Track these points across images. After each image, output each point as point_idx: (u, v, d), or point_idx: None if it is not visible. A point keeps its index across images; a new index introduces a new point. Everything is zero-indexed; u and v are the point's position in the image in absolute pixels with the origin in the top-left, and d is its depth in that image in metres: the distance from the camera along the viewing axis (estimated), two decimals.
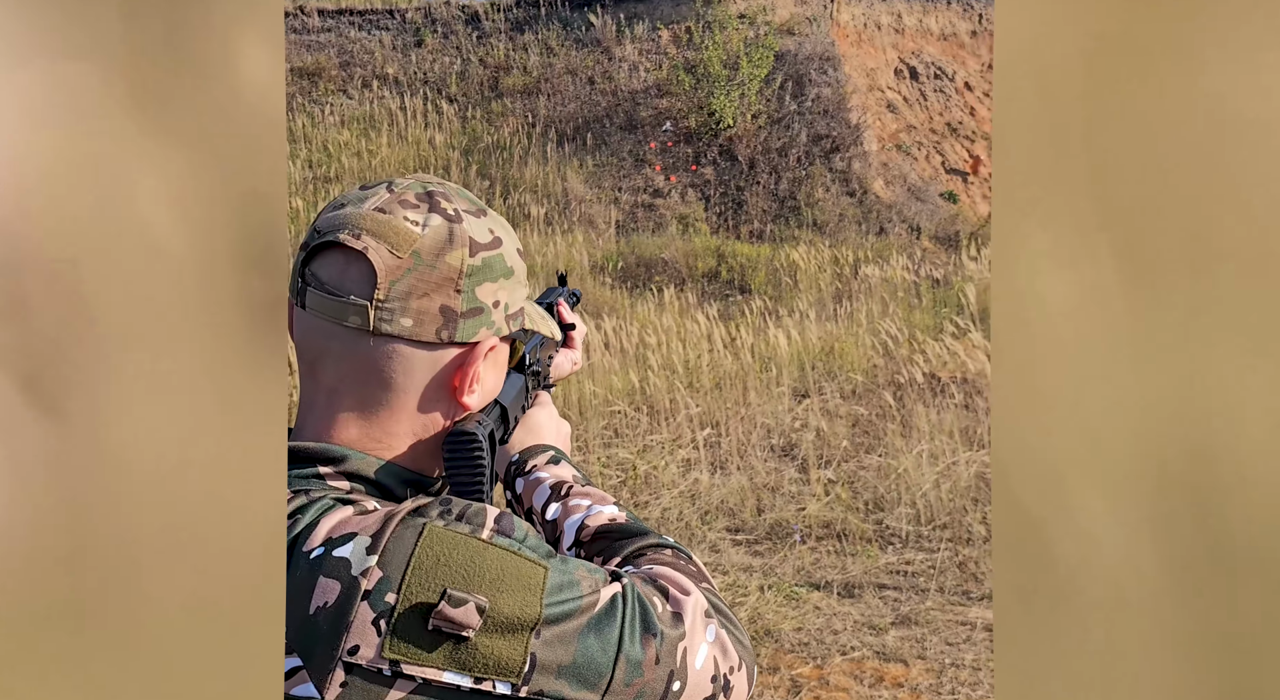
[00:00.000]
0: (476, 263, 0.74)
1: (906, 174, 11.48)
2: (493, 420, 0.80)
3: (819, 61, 11.65)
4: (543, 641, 0.68)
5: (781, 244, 9.84)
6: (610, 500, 0.90)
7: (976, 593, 3.64)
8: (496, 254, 0.76)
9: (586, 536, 0.86)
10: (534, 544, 0.71)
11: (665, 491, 4.49)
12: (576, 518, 0.87)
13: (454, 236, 0.73)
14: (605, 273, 9.09)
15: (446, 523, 0.69)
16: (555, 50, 12.18)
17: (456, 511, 0.70)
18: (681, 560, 0.83)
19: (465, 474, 0.75)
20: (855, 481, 4.59)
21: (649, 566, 0.81)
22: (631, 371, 5.76)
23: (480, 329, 0.76)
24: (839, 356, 6.30)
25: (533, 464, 0.92)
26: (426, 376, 0.75)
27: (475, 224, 0.76)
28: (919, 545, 4.05)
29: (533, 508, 0.90)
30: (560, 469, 0.92)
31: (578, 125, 11.51)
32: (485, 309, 0.75)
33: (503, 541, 0.69)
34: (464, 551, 0.67)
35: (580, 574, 0.72)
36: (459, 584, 0.66)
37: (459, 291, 0.74)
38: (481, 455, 0.75)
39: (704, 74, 10.92)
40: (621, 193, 10.84)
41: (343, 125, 11.52)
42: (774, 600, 3.59)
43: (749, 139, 11.05)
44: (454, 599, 0.65)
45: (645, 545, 0.84)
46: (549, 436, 0.96)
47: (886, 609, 3.54)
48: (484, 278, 0.75)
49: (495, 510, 0.71)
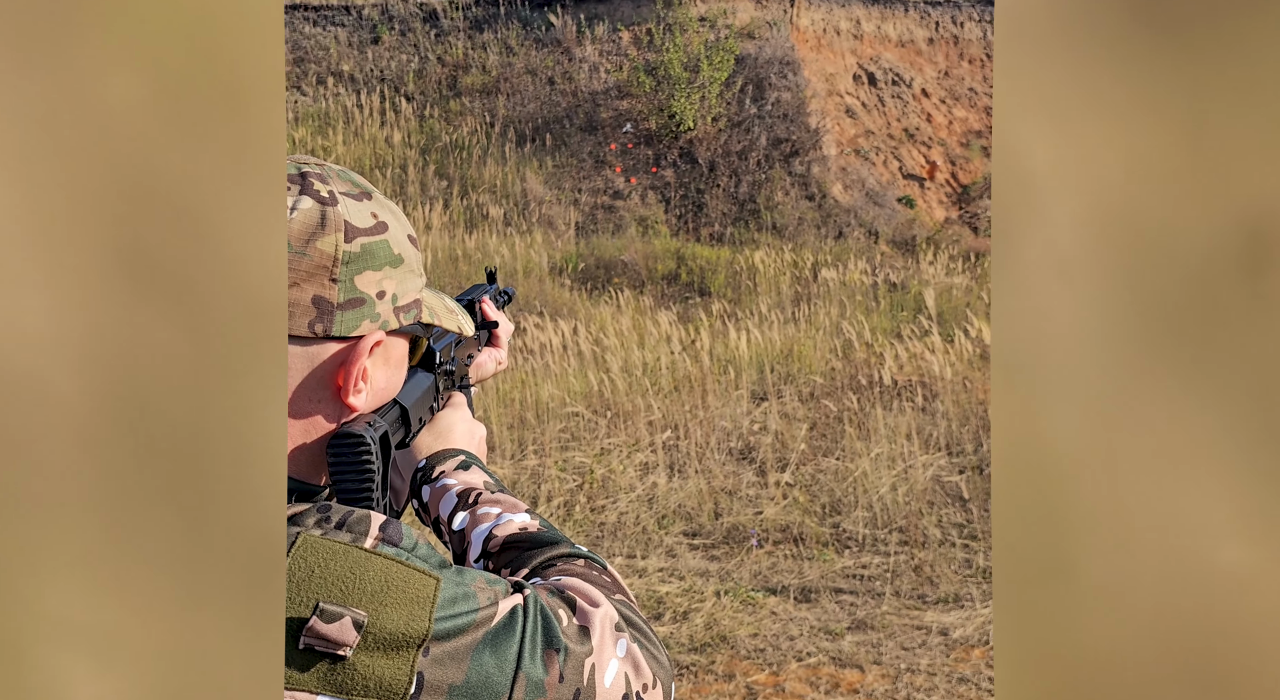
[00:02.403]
0: (354, 249, 0.68)
1: (864, 178, 11.58)
2: (388, 422, 0.74)
3: (779, 65, 11.71)
4: (431, 659, 0.62)
5: (741, 247, 9.86)
6: (522, 507, 0.84)
7: (932, 596, 3.65)
8: (379, 240, 0.70)
9: (494, 547, 0.80)
10: (425, 553, 0.65)
11: (622, 495, 4.45)
12: (484, 527, 0.81)
13: (327, 220, 0.67)
14: (564, 274, 9.04)
15: (324, 531, 0.63)
16: (515, 49, 12.09)
17: (336, 519, 0.64)
18: (594, 570, 0.78)
19: (351, 480, 0.69)
20: (813, 485, 4.58)
21: (557, 577, 0.76)
22: (590, 374, 5.71)
23: (362, 321, 0.69)
24: (798, 359, 6.32)
25: (440, 470, 0.87)
26: (302, 375, 0.68)
27: (353, 207, 0.70)
28: (875, 549, 4.05)
29: (439, 517, 0.85)
30: (470, 475, 0.86)
31: (537, 125, 11.44)
32: (367, 300, 0.70)
33: (388, 550, 0.63)
34: (343, 562, 0.62)
35: (478, 585, 0.66)
36: (335, 597, 0.60)
37: (335, 281, 0.68)
38: (369, 459, 0.69)
39: (665, 76, 10.91)
40: (581, 194, 10.79)
41: (297, 122, 11.32)
42: (730, 605, 3.56)
43: (709, 142, 11.06)
44: (327, 613, 0.59)
45: (555, 555, 0.79)
46: (459, 439, 0.90)
47: (843, 613, 3.53)
48: (364, 266, 0.69)
49: (381, 517, 0.65)
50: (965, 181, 12.43)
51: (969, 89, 13.53)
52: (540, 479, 4.59)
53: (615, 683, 0.69)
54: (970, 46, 13.85)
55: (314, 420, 0.70)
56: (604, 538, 4.15)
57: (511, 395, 5.41)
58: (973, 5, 13.87)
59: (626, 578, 3.78)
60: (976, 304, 7.79)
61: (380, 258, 0.70)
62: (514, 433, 5.07)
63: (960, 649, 3.25)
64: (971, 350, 6.04)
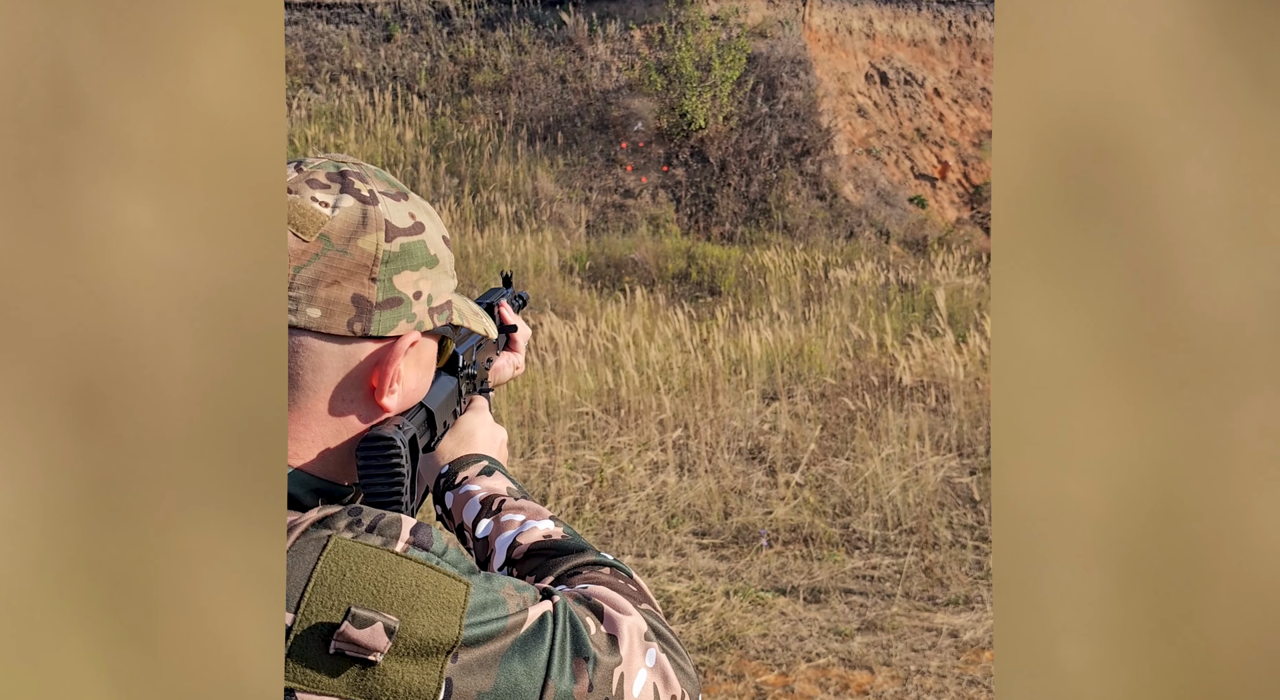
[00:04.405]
0: (394, 249, 0.68)
1: (876, 178, 11.54)
2: (415, 425, 0.74)
3: (791, 64, 11.68)
4: (460, 666, 0.62)
5: (752, 246, 9.85)
6: (546, 514, 0.84)
7: (942, 598, 3.63)
8: (417, 240, 0.70)
9: (519, 554, 0.80)
10: (455, 558, 0.65)
11: (632, 494, 4.45)
12: (509, 534, 0.80)
13: (368, 219, 0.67)
14: (575, 273, 9.04)
15: (355, 534, 0.63)
16: (527, 48, 12.10)
17: (368, 522, 0.64)
18: (620, 579, 0.78)
19: (381, 483, 0.69)
20: (823, 485, 4.57)
21: (583, 585, 0.75)
22: (600, 373, 5.71)
23: (399, 321, 0.69)
24: (808, 359, 6.30)
25: (463, 476, 0.86)
26: (339, 374, 0.68)
27: (393, 207, 0.70)
28: (885, 550, 4.03)
29: (463, 524, 0.84)
30: (493, 481, 0.86)
31: (548, 124, 11.44)
32: (405, 300, 0.69)
33: (419, 555, 0.63)
34: (374, 566, 0.61)
35: (507, 592, 0.66)
36: (366, 602, 0.60)
37: (374, 280, 0.67)
38: (399, 462, 0.68)
39: (676, 75, 10.90)
40: (592, 192, 10.79)
41: (310, 120, 11.35)
42: (740, 606, 3.55)
43: (720, 141, 11.04)
44: (359, 618, 0.59)
45: (581, 563, 0.79)
46: (481, 445, 0.90)
47: (852, 615, 3.52)
48: (403, 265, 0.69)
49: (412, 521, 0.65)
50: (977, 182, 12.38)
51: (981, 89, 13.47)
52: (550, 477, 4.60)
53: (644, 693, 0.69)
54: (983, 46, 13.80)
55: (347, 420, 0.70)
56: (613, 536, 4.15)
57: (522, 393, 5.41)
58: (986, 5, 13.81)
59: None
60: (988, 304, 7.77)
61: (418, 258, 0.70)
62: (524, 431, 5.07)
63: (970, 651, 3.24)
64: (983, 351, 6.01)
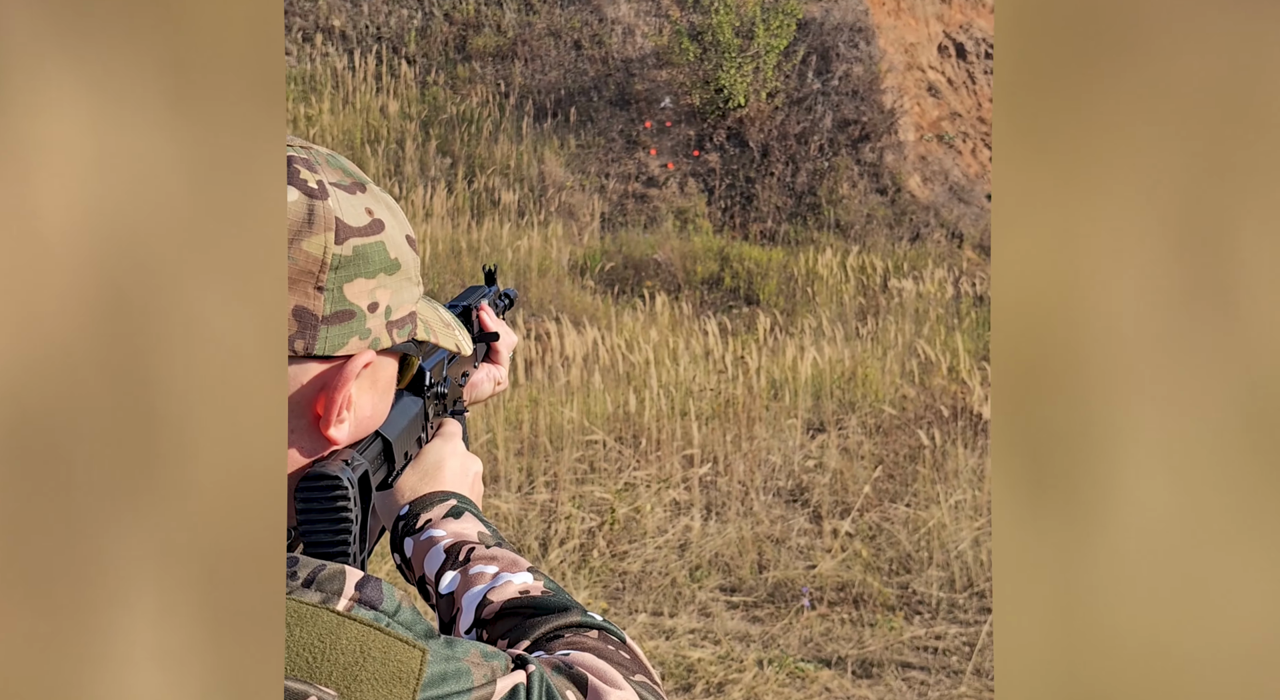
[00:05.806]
0: (345, 252, 0.68)
1: (948, 170, 11.54)
2: (368, 458, 0.74)
3: (849, 33, 11.72)
4: None
5: (797, 248, 9.87)
6: (524, 565, 0.83)
7: None
8: (374, 241, 0.70)
9: (490, 614, 0.79)
10: (409, 619, 0.65)
11: (648, 540, 4.45)
12: (478, 589, 0.80)
13: (315, 217, 0.67)
14: (587, 275, 9.08)
15: (290, 589, 0.62)
16: (535, 7, 12.20)
17: (304, 575, 0.63)
18: (610, 645, 0.77)
19: (323, 529, 0.69)
20: (878, 536, 4.56)
21: (565, 652, 0.75)
22: (614, 394, 5.72)
23: (350, 339, 0.69)
24: (862, 384, 6.30)
25: (426, 518, 0.86)
26: None
27: (346, 201, 0.69)
28: (952, 616, 4.01)
29: (425, 576, 0.84)
30: (462, 525, 0.85)
31: (559, 97, 11.52)
32: (358, 313, 0.69)
33: (365, 615, 0.62)
34: (310, 628, 0.61)
35: (471, 659, 0.66)
36: (300, 670, 0.59)
37: (320, 289, 0.67)
38: (346, 504, 0.68)
39: (712, 42, 10.95)
40: (609, 180, 10.84)
41: None
42: (775, 678, 3.54)
43: (763, 122, 11.08)
44: (290, 693, 0.58)
45: (564, 625, 0.78)
46: (449, 479, 0.89)
47: (911, 694, 3.50)
48: (356, 272, 0.69)
49: (358, 573, 0.65)
50: None
51: None
52: (552, 517, 4.60)
53: None
54: None
55: (287, 455, 0.70)
56: (625, 590, 4.15)
57: (520, 417, 5.43)
58: None
59: (650, 640, 3.77)
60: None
61: (374, 263, 0.70)
62: (522, 461, 5.08)
63: None
64: None
